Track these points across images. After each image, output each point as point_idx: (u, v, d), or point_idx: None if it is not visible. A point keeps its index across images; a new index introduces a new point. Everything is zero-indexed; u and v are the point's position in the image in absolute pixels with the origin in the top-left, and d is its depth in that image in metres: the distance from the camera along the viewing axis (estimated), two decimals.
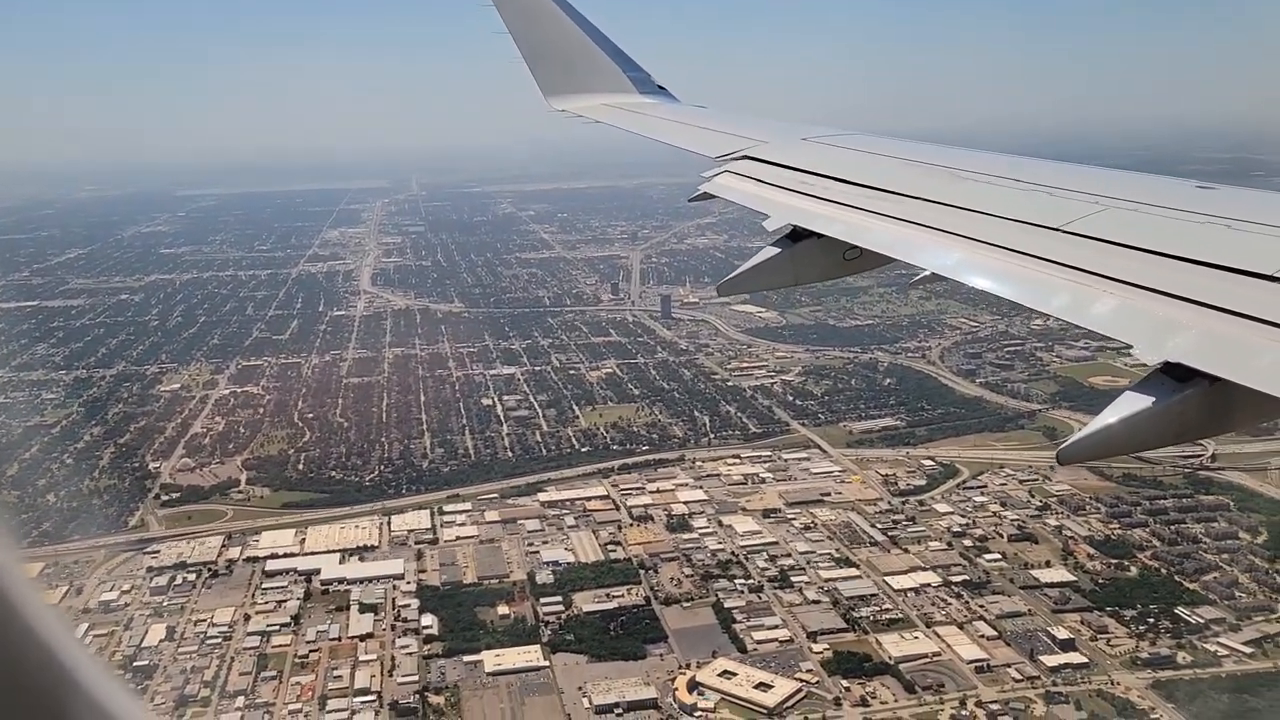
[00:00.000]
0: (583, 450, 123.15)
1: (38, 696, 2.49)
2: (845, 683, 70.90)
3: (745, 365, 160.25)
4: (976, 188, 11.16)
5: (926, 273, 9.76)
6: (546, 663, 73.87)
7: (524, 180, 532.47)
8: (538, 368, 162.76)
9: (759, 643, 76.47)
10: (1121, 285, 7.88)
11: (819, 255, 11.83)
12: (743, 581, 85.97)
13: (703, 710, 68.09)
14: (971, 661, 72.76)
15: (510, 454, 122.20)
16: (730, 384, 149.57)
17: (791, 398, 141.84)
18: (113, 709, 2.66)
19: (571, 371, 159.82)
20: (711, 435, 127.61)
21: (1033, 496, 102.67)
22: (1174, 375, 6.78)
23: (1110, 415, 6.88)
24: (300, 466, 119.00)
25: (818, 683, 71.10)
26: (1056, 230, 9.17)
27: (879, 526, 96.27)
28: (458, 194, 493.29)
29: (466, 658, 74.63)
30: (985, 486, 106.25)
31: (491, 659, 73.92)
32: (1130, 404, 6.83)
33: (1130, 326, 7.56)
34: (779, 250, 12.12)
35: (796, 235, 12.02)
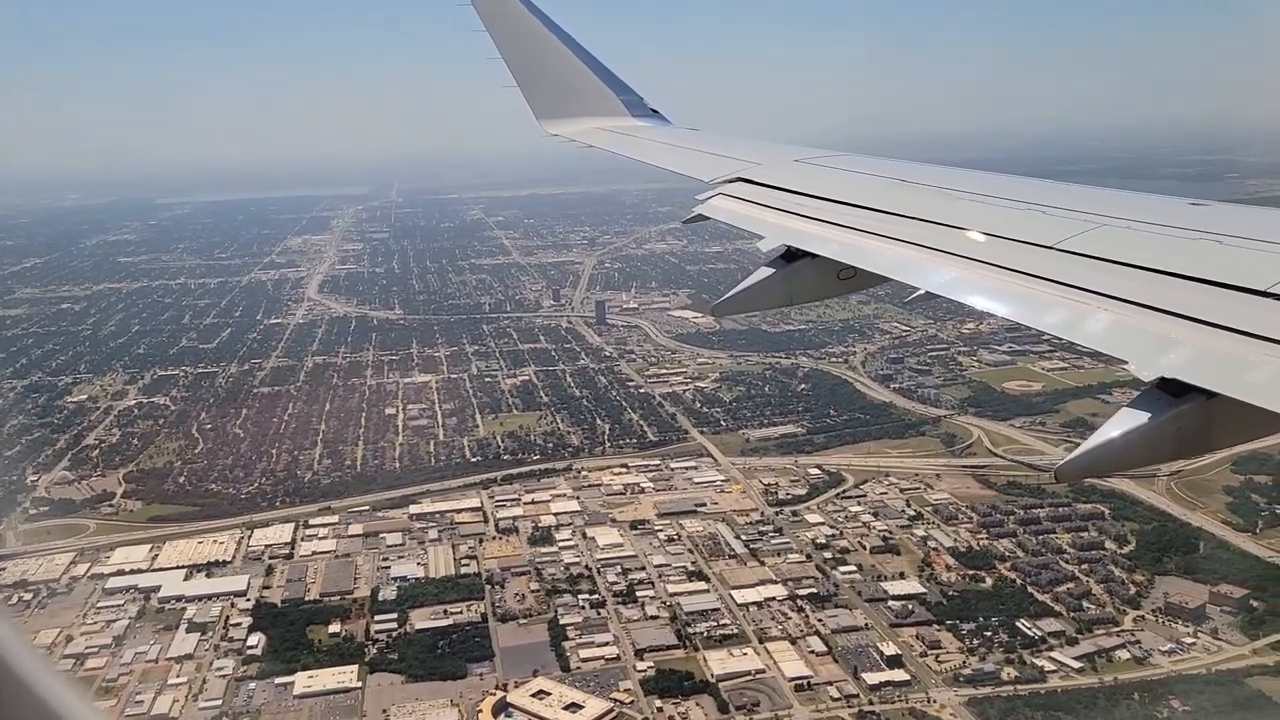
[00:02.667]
0: (473, 460, 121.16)
1: None
2: (659, 703, 68.82)
3: (663, 372, 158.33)
4: (970, 207, 11.20)
5: (920, 291, 9.72)
6: (360, 684, 71.85)
7: (503, 186, 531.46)
8: (454, 375, 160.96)
9: (584, 661, 74.44)
10: (1116, 302, 7.89)
11: (813, 275, 11.87)
12: (587, 597, 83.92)
13: None
14: (794, 679, 70.66)
15: (397, 465, 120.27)
16: (642, 391, 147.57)
17: (700, 405, 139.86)
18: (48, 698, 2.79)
19: (487, 379, 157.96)
20: (607, 444, 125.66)
21: (908, 506, 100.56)
22: (1169, 391, 6.79)
23: (1108, 431, 6.86)
24: (181, 479, 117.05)
25: (631, 703, 69.06)
26: (1050, 248, 9.16)
27: (744, 538, 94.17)
28: (434, 200, 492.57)
29: (280, 679, 72.60)
30: (865, 496, 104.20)
31: (304, 680, 71.95)
32: (1127, 420, 6.82)
33: (1125, 343, 7.51)
34: (774, 270, 12.14)
35: (791, 255, 12.03)
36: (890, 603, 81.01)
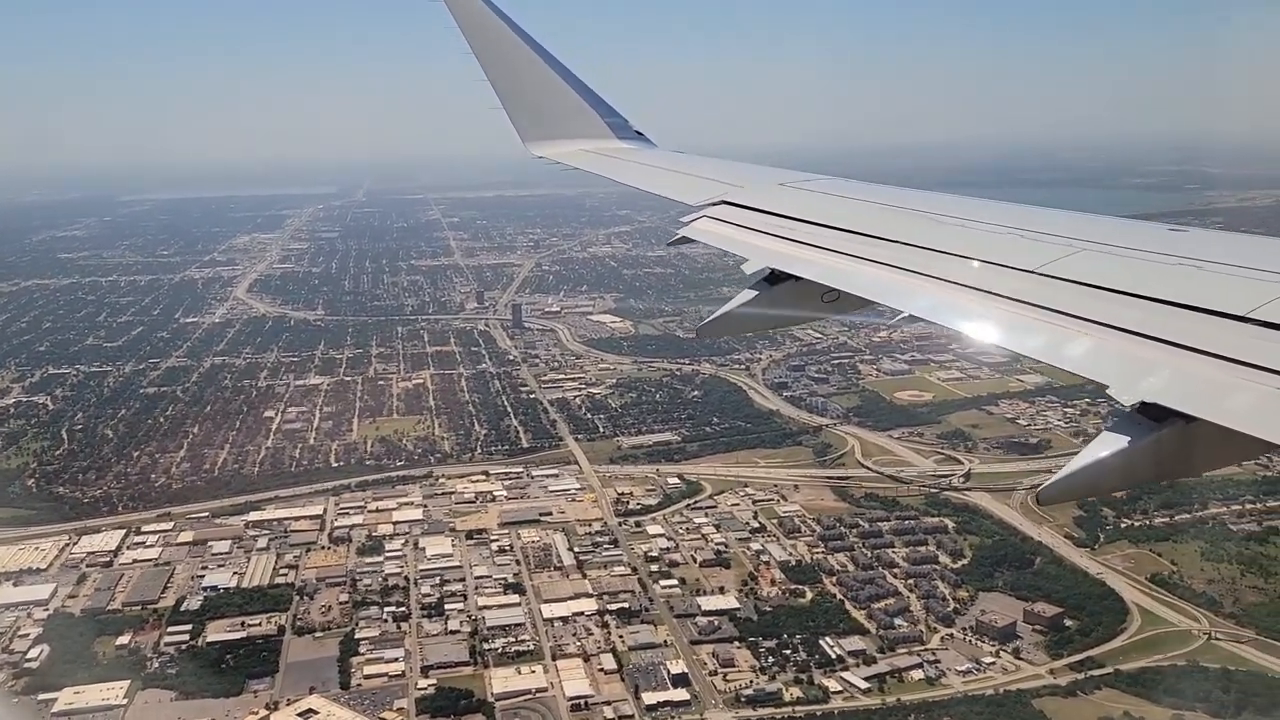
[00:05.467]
0: (335, 466, 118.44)
1: None
2: None
3: (560, 377, 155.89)
4: (952, 231, 11.30)
5: (904, 314, 9.78)
6: (125, 701, 69.04)
7: (470, 188, 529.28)
8: (349, 378, 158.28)
9: (367, 678, 71.91)
10: (1096, 326, 7.95)
11: (797, 297, 11.75)
12: (393, 610, 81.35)
13: None
14: (573, 698, 68.32)
15: (256, 470, 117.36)
16: (532, 396, 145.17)
17: (585, 411, 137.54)
18: None
19: (380, 382, 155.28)
20: (477, 450, 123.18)
21: (756, 518, 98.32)
22: (1150, 415, 6.79)
23: (1088, 455, 6.80)
24: (31, 481, 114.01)
25: None
26: (1032, 273, 9.22)
27: (576, 549, 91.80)
28: (397, 200, 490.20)
29: (45, 695, 69.76)
30: (716, 507, 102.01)
31: (68, 697, 69.10)
32: (1107, 444, 6.80)
33: (1106, 367, 7.52)
34: (757, 293, 12.04)
35: (774, 278, 11.94)
36: (700, 618, 78.76)
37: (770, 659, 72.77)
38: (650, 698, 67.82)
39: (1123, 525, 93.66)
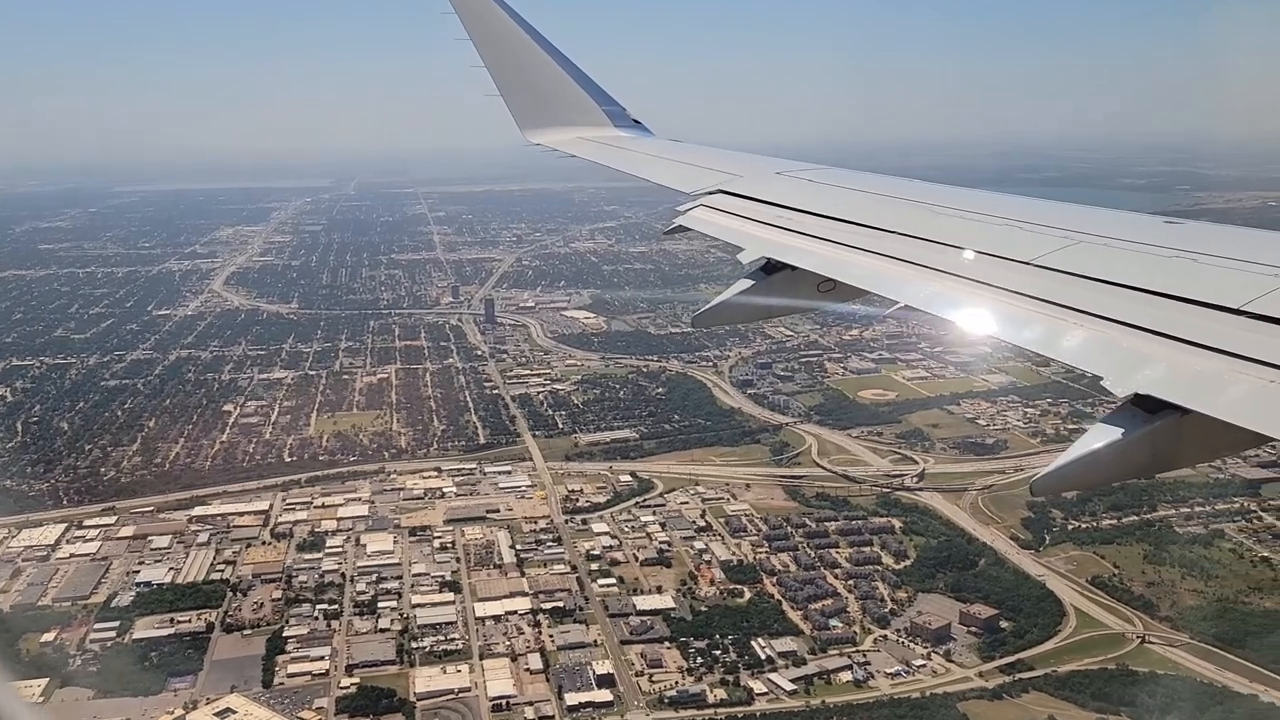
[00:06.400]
0: (288, 461, 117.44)
1: None
2: None
3: (526, 373, 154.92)
4: (949, 222, 11.27)
5: (899, 305, 9.66)
6: (42, 700, 68.01)
7: (461, 182, 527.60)
8: (313, 372, 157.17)
9: (290, 676, 71.07)
10: (1092, 318, 7.96)
11: (793, 287, 11.79)
12: (325, 607, 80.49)
13: None
14: (495, 698, 67.56)
15: (208, 464, 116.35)
16: (495, 392, 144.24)
17: (546, 408, 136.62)
18: None
19: (345, 376, 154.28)
20: (432, 446, 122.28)
21: (703, 516, 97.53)
22: (1144, 407, 6.82)
23: (1081, 447, 6.86)
24: None
25: None
26: (1028, 264, 9.23)
27: (518, 547, 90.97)
28: (386, 194, 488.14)
29: None
30: (664, 505, 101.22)
31: None
32: (1100, 436, 6.83)
33: (1100, 358, 7.50)
34: (753, 282, 12.08)
35: (771, 268, 11.95)
36: (633, 618, 77.95)
37: (699, 660, 72.00)
38: (573, 698, 67.05)
39: (1069, 527, 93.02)
